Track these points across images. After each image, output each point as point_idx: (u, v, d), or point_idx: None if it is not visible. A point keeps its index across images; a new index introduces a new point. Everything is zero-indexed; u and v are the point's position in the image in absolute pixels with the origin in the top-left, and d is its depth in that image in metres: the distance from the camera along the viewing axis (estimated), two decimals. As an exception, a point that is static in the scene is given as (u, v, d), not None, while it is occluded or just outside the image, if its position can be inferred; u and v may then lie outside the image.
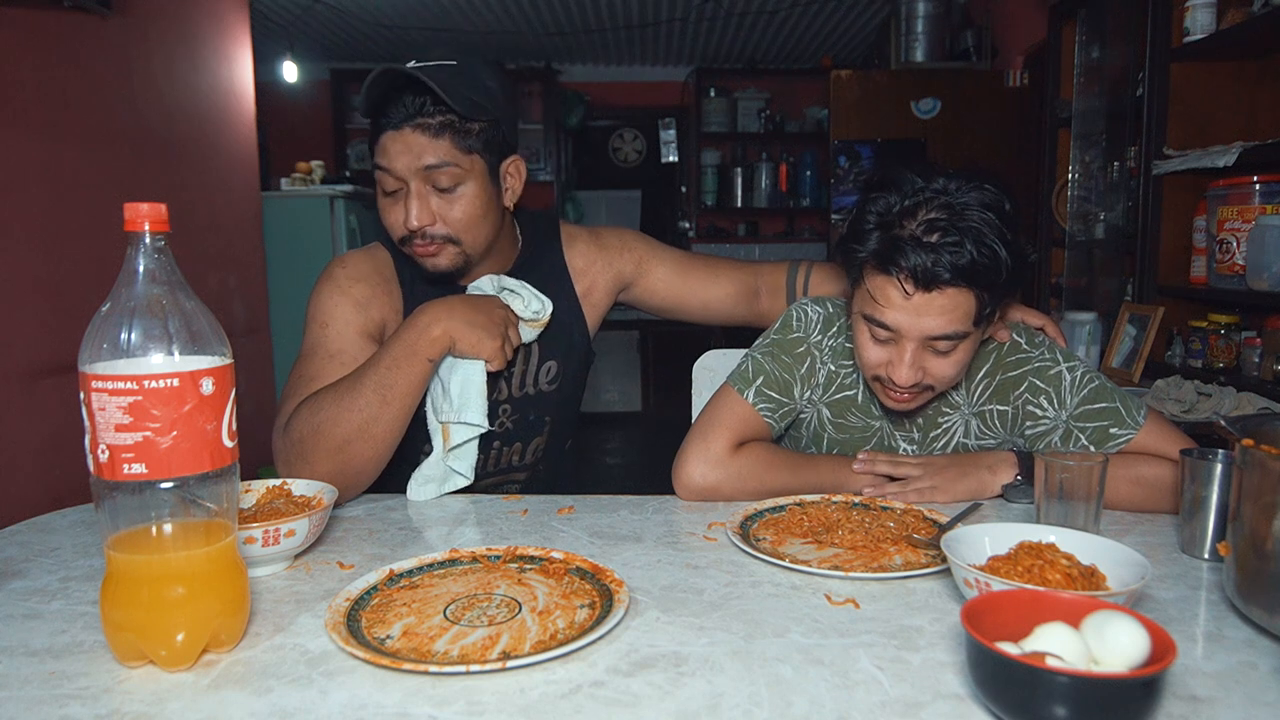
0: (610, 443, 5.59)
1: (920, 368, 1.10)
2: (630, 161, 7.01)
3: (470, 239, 1.24)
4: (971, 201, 1.04)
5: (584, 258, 1.43)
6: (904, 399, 1.14)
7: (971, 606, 0.68)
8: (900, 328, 1.08)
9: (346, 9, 5.13)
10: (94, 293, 2.55)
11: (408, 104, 1.17)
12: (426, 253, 1.23)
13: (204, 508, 0.73)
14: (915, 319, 1.06)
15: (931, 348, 1.09)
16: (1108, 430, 1.17)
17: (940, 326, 1.06)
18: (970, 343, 1.11)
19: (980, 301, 1.06)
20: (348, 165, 6.33)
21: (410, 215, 1.19)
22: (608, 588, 0.86)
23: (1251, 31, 2.11)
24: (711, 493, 1.19)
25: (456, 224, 1.22)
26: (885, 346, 1.12)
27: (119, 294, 0.71)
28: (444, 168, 1.19)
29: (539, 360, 1.37)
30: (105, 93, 2.72)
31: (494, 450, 1.36)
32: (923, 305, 1.05)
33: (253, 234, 3.83)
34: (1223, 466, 0.97)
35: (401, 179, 1.19)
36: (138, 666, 0.72)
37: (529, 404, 1.37)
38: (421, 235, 1.21)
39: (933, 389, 1.14)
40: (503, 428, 1.36)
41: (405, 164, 1.18)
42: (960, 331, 1.07)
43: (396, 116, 1.17)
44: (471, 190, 1.22)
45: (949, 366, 1.10)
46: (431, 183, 1.20)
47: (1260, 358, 2.11)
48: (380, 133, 1.20)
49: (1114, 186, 2.90)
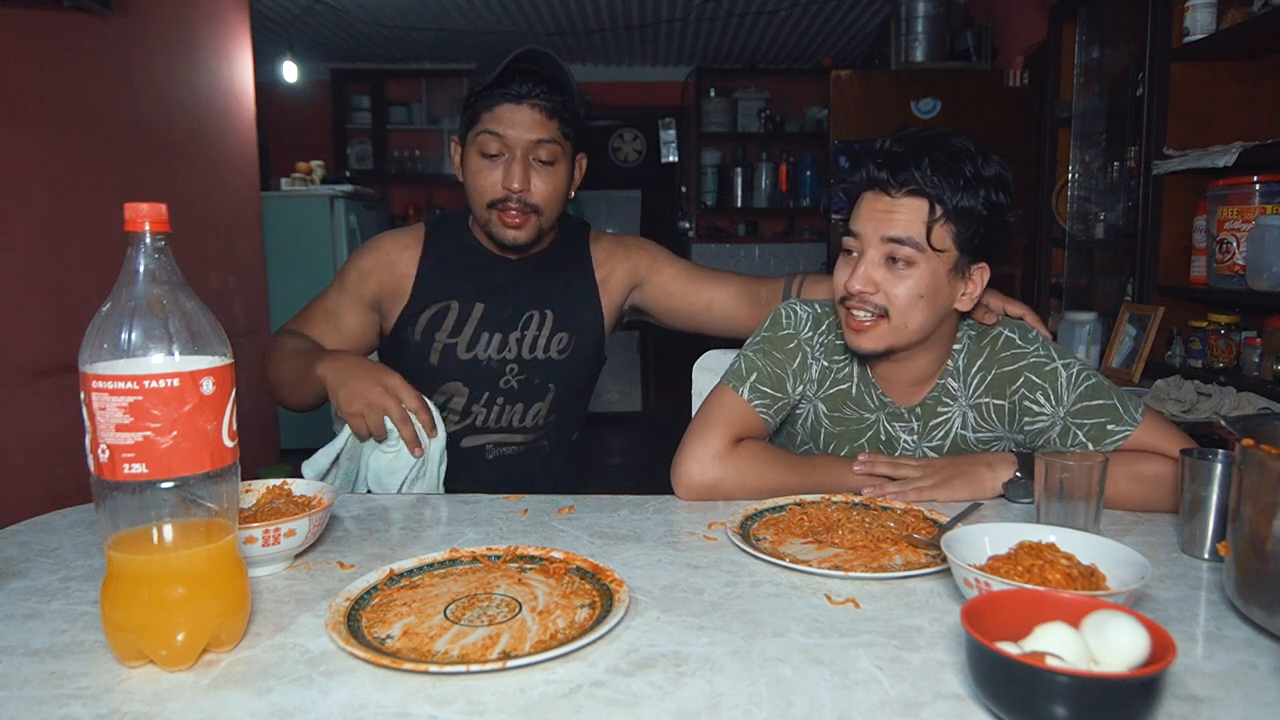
0: (610, 443, 5.59)
1: (873, 280, 1.15)
2: (630, 161, 7.00)
3: (550, 212, 1.41)
4: (948, 137, 1.16)
5: (605, 251, 1.57)
6: (859, 324, 1.17)
7: (971, 606, 0.68)
8: (863, 231, 1.16)
9: (346, 9, 5.13)
10: (94, 293, 2.53)
11: (534, 83, 1.34)
12: (514, 222, 1.38)
13: (204, 508, 0.73)
14: (875, 221, 1.15)
15: (889, 258, 1.15)
16: (1105, 427, 1.17)
17: (896, 228, 1.14)
18: (927, 272, 1.15)
19: (931, 216, 1.13)
20: (348, 165, 6.33)
21: (513, 178, 1.35)
22: (608, 587, 0.86)
23: (1251, 31, 2.11)
24: (711, 490, 1.19)
25: (545, 196, 1.39)
26: (849, 262, 1.19)
27: (119, 294, 0.71)
28: (550, 144, 1.37)
29: (552, 329, 1.48)
30: (105, 93, 2.72)
31: (497, 406, 1.46)
32: (885, 210, 1.15)
33: (253, 234, 3.83)
34: (1223, 466, 0.97)
35: (509, 147, 1.35)
36: (138, 666, 0.72)
37: (536, 368, 1.47)
38: (517, 201, 1.37)
39: (887, 317, 1.16)
40: (507, 385, 1.46)
41: (518, 135, 1.35)
42: (913, 239, 1.13)
43: (521, 91, 1.34)
44: (562, 170, 1.40)
45: (903, 289, 1.15)
46: (535, 155, 1.36)
47: (1260, 358, 2.11)
48: (497, 103, 1.35)
49: (1114, 186, 2.90)
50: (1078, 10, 3.07)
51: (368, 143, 6.42)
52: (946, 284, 1.16)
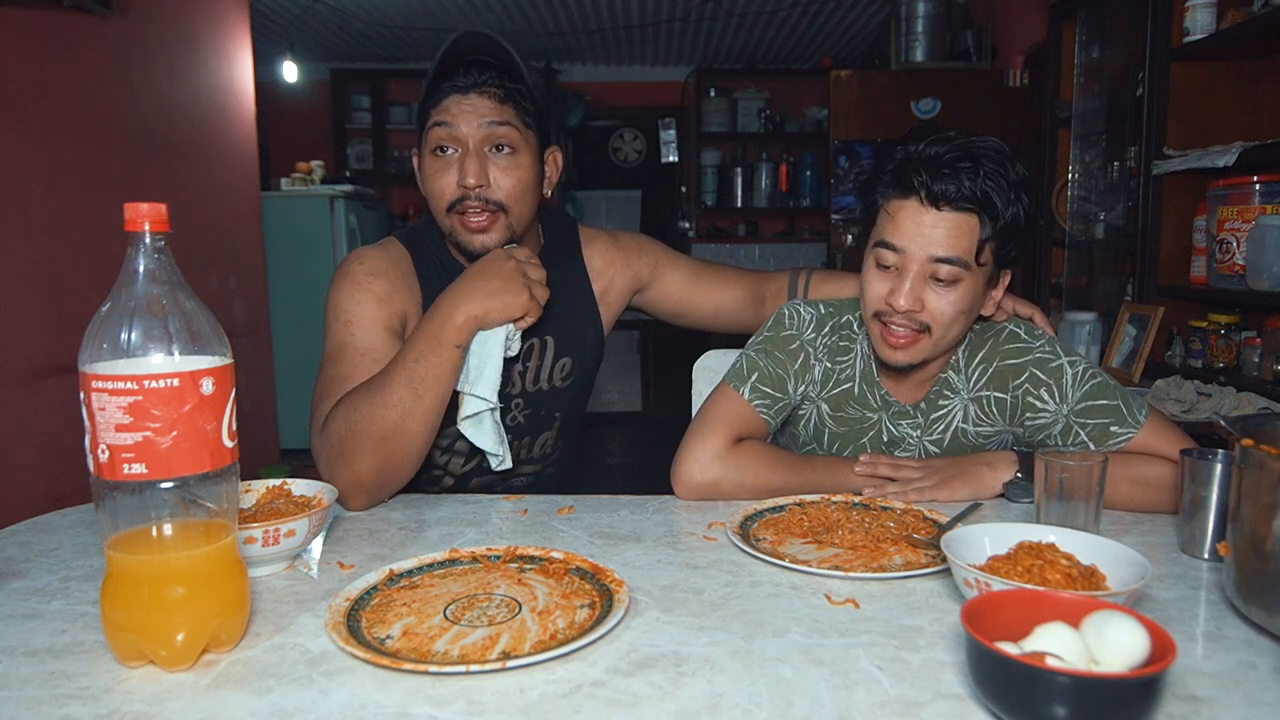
0: (610, 443, 5.59)
1: (919, 298, 1.12)
2: (630, 161, 7.01)
3: (518, 210, 1.26)
4: (987, 143, 1.12)
5: (603, 258, 1.45)
6: (900, 339, 1.15)
7: (971, 606, 0.68)
8: (907, 248, 1.12)
9: (346, 9, 5.13)
10: (94, 293, 2.54)
11: (479, 71, 1.23)
12: (478, 225, 1.24)
13: (204, 508, 0.73)
14: (922, 237, 1.11)
15: (934, 277, 1.12)
16: (1108, 428, 1.17)
17: (945, 248, 1.10)
18: (969, 287, 1.13)
19: (983, 232, 1.10)
20: (348, 165, 6.34)
21: (467, 174, 1.22)
22: (608, 588, 0.86)
23: (1251, 31, 2.11)
24: (711, 489, 1.19)
25: (508, 191, 1.24)
26: (889, 277, 1.15)
27: (119, 294, 0.71)
28: (505, 127, 1.23)
29: (554, 357, 1.38)
30: (105, 93, 2.72)
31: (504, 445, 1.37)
32: (931, 224, 1.10)
33: (253, 234, 3.83)
34: (1223, 466, 0.97)
35: (460, 140, 1.23)
36: (138, 666, 0.72)
37: (541, 399, 1.38)
38: (476, 198, 1.23)
39: (929, 332, 1.14)
40: (514, 421, 1.37)
41: (469, 125, 1.22)
42: (962, 258, 1.10)
43: (467, 81, 1.22)
44: (525, 161, 1.26)
45: (947, 305, 1.13)
46: (492, 144, 1.23)
47: (1260, 358, 2.12)
48: (444, 95, 1.23)
49: (1114, 186, 2.90)
50: (1078, 10, 3.07)
51: (368, 143, 6.42)
52: (982, 295, 1.17)
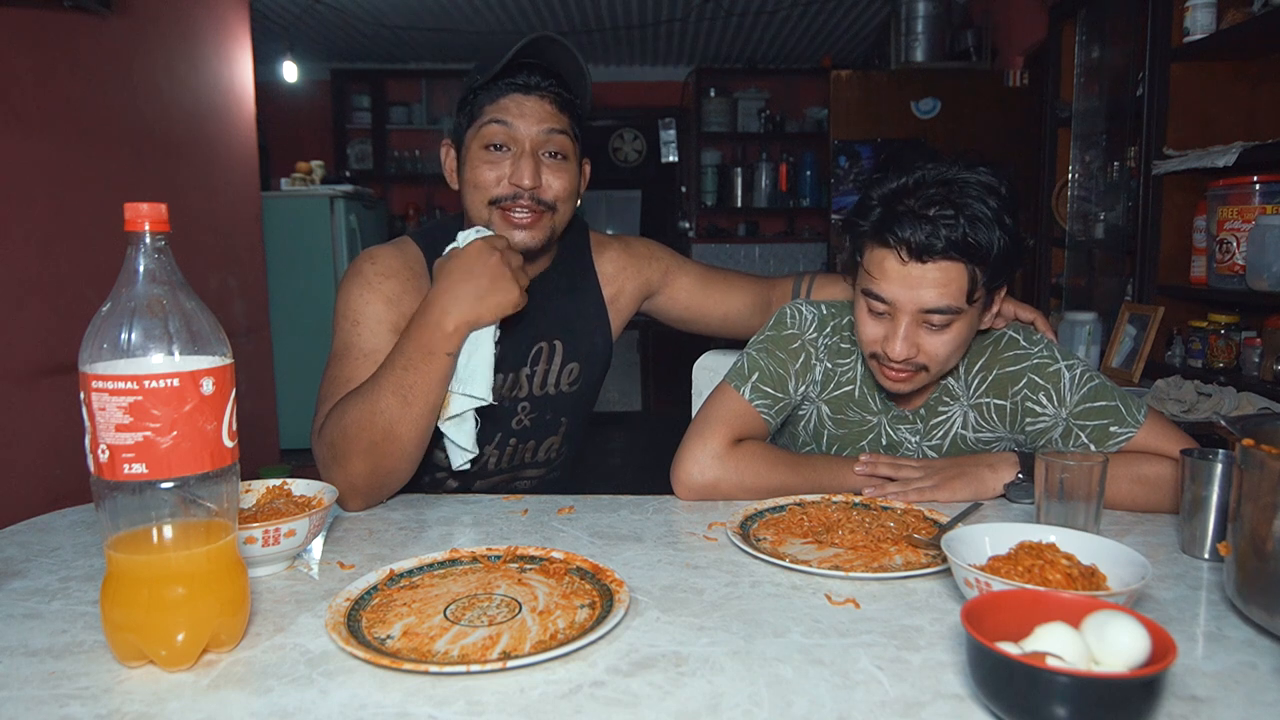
0: (610, 443, 5.59)
1: (914, 344, 1.12)
2: (630, 161, 7.01)
3: (563, 212, 1.29)
4: (970, 180, 1.08)
5: (614, 264, 1.46)
6: (899, 377, 1.15)
7: (971, 606, 0.68)
8: (896, 300, 1.11)
9: (346, 9, 5.13)
10: (94, 293, 2.55)
11: (542, 75, 1.25)
12: (522, 221, 1.25)
13: (204, 508, 0.73)
14: (910, 291, 1.09)
15: (926, 323, 1.11)
16: (1108, 429, 1.17)
17: (934, 299, 1.09)
18: (964, 323, 1.12)
19: (973, 277, 1.09)
20: (348, 165, 6.34)
21: (523, 175, 1.23)
22: (608, 588, 0.86)
23: (1251, 31, 2.11)
24: (710, 489, 1.19)
25: (558, 191, 1.26)
26: (882, 322, 1.14)
27: (119, 294, 0.70)
28: (562, 136, 1.26)
29: (563, 361, 1.38)
30: (105, 93, 2.72)
31: (509, 447, 1.37)
32: (917, 277, 1.08)
33: (253, 234, 3.83)
34: (1223, 466, 0.97)
35: (517, 139, 1.24)
36: (138, 666, 0.72)
37: (548, 404, 1.38)
38: (528, 197, 1.24)
39: (927, 369, 1.15)
40: (520, 425, 1.37)
41: (528, 126, 1.24)
42: (953, 306, 1.09)
43: (531, 82, 1.24)
44: (572, 166, 1.29)
45: (942, 345, 1.12)
46: (546, 149, 1.25)
47: (1260, 358, 2.11)
48: (504, 93, 1.25)
49: (1114, 186, 2.90)
50: (1078, 10, 3.07)
51: (368, 143, 6.43)
52: (978, 319, 1.16)
